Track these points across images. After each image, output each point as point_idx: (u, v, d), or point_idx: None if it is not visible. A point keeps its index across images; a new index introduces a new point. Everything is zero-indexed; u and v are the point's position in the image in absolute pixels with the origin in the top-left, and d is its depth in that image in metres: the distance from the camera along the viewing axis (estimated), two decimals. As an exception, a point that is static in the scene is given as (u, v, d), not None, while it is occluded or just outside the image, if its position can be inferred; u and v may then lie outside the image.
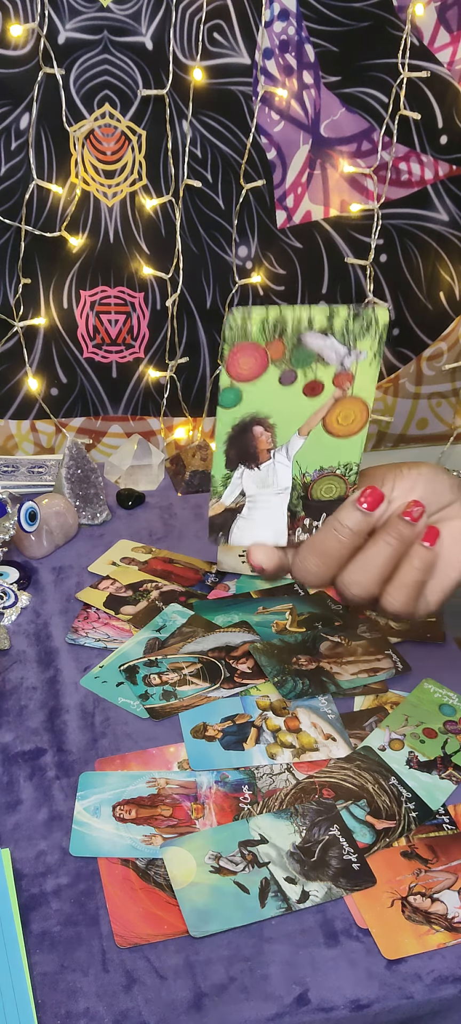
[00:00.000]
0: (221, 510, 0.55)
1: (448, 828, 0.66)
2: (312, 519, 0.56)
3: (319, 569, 0.54)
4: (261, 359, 0.49)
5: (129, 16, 1.08)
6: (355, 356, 0.50)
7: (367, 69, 1.15)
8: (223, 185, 1.18)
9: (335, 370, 0.50)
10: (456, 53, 1.16)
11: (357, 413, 0.52)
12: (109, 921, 0.58)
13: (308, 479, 0.54)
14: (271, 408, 0.51)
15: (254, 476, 0.54)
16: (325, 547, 0.54)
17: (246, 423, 0.52)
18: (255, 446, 0.53)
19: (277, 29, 1.12)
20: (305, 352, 0.49)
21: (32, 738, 0.73)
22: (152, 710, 0.76)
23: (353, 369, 0.51)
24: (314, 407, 0.52)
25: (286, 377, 0.50)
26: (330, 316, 0.49)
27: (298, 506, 0.55)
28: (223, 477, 0.54)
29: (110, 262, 1.19)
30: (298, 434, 0.53)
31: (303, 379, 0.50)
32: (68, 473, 1.09)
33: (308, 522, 0.56)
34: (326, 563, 0.54)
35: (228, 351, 0.49)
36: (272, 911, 0.58)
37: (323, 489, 0.55)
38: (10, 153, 1.12)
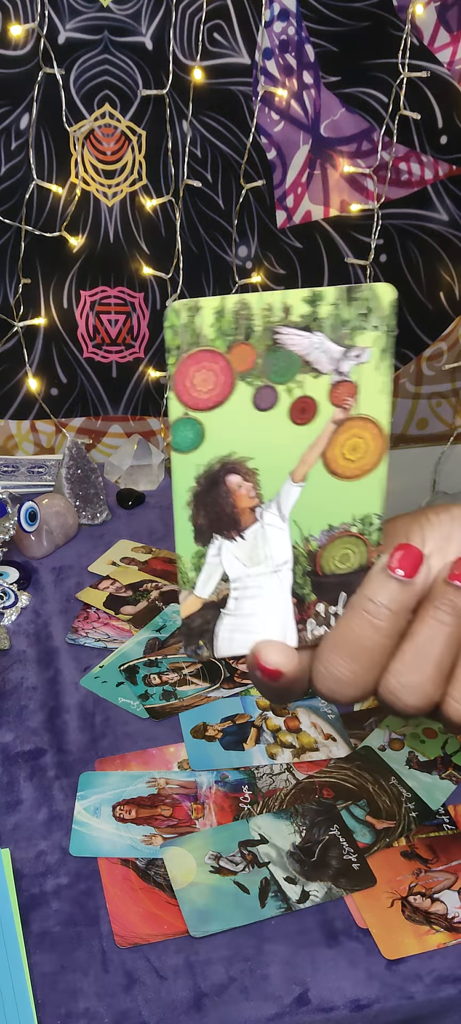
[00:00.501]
0: (198, 606, 0.39)
1: (448, 828, 0.66)
2: (328, 603, 0.39)
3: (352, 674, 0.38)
4: (223, 373, 0.35)
5: (129, 16, 1.08)
6: (355, 357, 0.37)
7: (367, 69, 1.15)
8: (223, 185, 1.18)
9: (330, 380, 0.36)
10: (456, 53, 1.16)
11: (368, 440, 0.37)
12: (109, 921, 0.58)
13: (314, 545, 0.39)
14: (248, 446, 0.36)
15: (237, 550, 0.38)
16: (356, 641, 0.38)
17: (215, 472, 0.36)
18: (233, 504, 0.37)
19: (277, 29, 1.12)
20: (284, 357, 0.36)
21: (32, 738, 0.73)
22: (152, 710, 0.76)
23: (354, 376, 0.37)
24: (308, 438, 0.37)
25: (263, 398, 0.36)
26: (313, 300, 0.35)
27: (305, 586, 0.39)
28: (193, 556, 0.38)
29: (110, 262, 1.19)
30: (291, 480, 0.38)
31: (287, 398, 0.36)
32: (68, 473, 1.09)
33: (323, 608, 0.40)
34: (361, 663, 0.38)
35: (174, 365, 0.34)
36: (272, 911, 0.58)
37: (337, 557, 0.39)
38: (10, 153, 1.12)
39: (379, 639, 0.38)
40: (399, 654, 0.38)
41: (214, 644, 0.39)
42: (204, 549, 0.38)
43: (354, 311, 0.36)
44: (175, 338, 0.34)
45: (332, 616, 0.40)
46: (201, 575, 0.39)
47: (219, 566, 0.38)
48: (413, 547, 0.38)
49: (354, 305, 0.36)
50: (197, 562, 0.38)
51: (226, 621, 0.39)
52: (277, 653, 0.39)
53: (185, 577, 0.38)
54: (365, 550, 0.39)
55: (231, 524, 0.38)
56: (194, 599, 0.39)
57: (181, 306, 0.34)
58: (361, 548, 0.39)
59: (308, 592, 0.39)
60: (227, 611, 0.39)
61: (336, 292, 0.35)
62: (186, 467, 0.37)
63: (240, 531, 0.38)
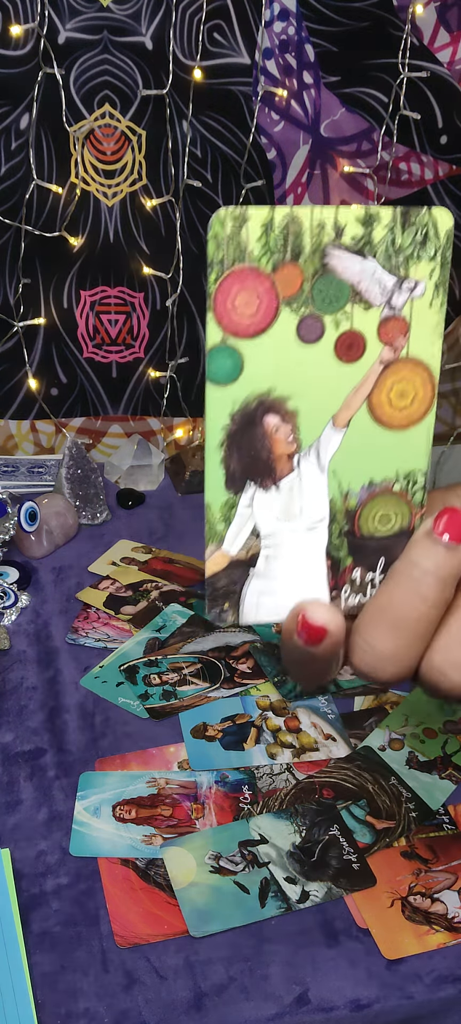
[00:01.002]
0: (224, 564, 0.35)
1: (448, 828, 0.66)
2: (365, 568, 0.36)
3: (395, 647, 0.34)
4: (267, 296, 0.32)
5: (129, 16, 1.08)
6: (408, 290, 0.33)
7: (367, 69, 1.15)
8: (223, 185, 1.18)
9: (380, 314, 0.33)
10: (456, 53, 1.16)
11: (418, 386, 0.34)
12: (109, 921, 0.58)
13: (353, 502, 0.35)
14: (289, 383, 0.33)
15: (271, 501, 0.35)
16: (399, 611, 0.34)
17: (252, 410, 0.33)
18: (269, 449, 0.34)
19: (277, 29, 1.12)
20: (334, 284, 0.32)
21: (32, 738, 0.73)
22: (152, 710, 0.76)
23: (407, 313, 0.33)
24: (354, 378, 0.34)
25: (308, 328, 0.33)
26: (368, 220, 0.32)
27: (342, 548, 0.36)
28: (223, 506, 0.34)
29: (110, 262, 1.19)
30: (333, 425, 0.34)
31: (334, 331, 0.33)
32: (68, 473, 1.09)
33: (359, 574, 0.36)
34: (404, 636, 0.34)
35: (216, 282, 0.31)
36: (272, 911, 0.58)
37: (377, 518, 0.36)
38: (10, 153, 1.12)
39: (425, 610, 0.34)
40: (445, 628, 0.35)
41: (240, 609, 0.36)
42: (235, 498, 0.34)
43: (409, 237, 0.33)
44: (218, 250, 0.31)
45: (368, 584, 0.36)
46: (231, 528, 0.35)
47: (250, 518, 0.35)
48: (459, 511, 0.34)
49: (410, 230, 0.32)
50: (227, 512, 0.35)
51: (254, 583, 0.35)
52: (324, 610, 0.34)
53: (213, 529, 0.35)
54: (408, 512, 0.36)
55: (266, 471, 0.34)
56: (221, 555, 0.35)
57: (227, 214, 0.30)
58: (403, 509, 0.36)
59: (344, 555, 0.36)
60: (256, 572, 0.35)
61: (392, 213, 0.32)
62: (221, 401, 0.33)
63: (275, 480, 0.34)
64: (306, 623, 0.34)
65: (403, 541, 0.35)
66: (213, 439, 0.33)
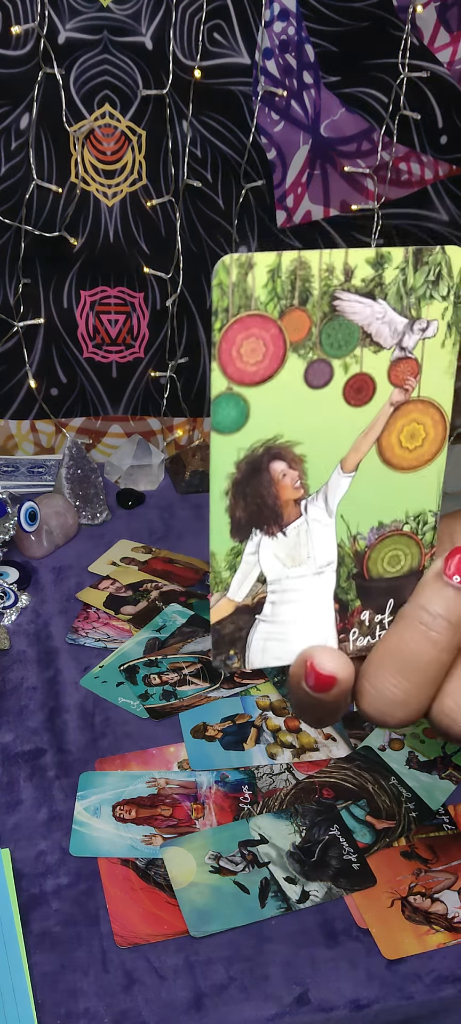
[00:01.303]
0: (230, 611, 0.34)
1: (448, 828, 0.66)
2: (373, 611, 0.35)
3: (404, 693, 0.34)
4: (274, 343, 0.31)
5: (129, 16, 1.08)
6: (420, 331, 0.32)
7: (367, 69, 1.15)
8: (223, 185, 1.18)
9: (391, 356, 0.32)
10: (456, 53, 1.16)
11: (429, 427, 0.34)
12: (109, 921, 0.58)
13: (362, 545, 0.35)
14: (296, 429, 0.32)
15: (277, 547, 0.34)
16: (408, 656, 0.33)
17: (258, 457, 0.32)
18: (275, 495, 0.33)
19: (277, 29, 1.12)
20: (343, 327, 0.32)
21: (32, 738, 0.73)
22: (152, 710, 0.76)
23: (418, 353, 0.33)
24: (363, 422, 0.33)
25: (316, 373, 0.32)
26: (378, 262, 0.31)
27: (350, 591, 0.35)
28: (228, 554, 0.34)
29: (110, 262, 1.19)
30: (341, 469, 0.34)
31: (343, 375, 0.32)
32: (68, 473, 1.09)
33: (368, 616, 0.36)
34: (414, 681, 0.34)
35: (221, 330, 0.31)
36: (272, 911, 0.58)
37: (386, 559, 0.35)
38: (10, 153, 1.12)
39: (435, 654, 0.33)
40: (456, 672, 0.34)
41: (246, 654, 0.35)
42: (241, 546, 0.34)
43: (421, 277, 0.32)
44: (223, 298, 0.30)
45: (377, 626, 0.36)
46: (236, 575, 0.34)
47: (256, 565, 0.34)
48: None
49: (422, 270, 0.32)
50: (232, 560, 0.34)
51: (261, 628, 0.35)
52: (332, 658, 0.34)
53: (218, 577, 0.34)
54: (418, 552, 0.35)
55: (272, 518, 0.33)
56: (226, 602, 0.34)
57: (232, 261, 0.30)
58: (413, 550, 0.35)
59: (352, 598, 0.35)
60: (262, 617, 0.35)
61: (403, 254, 0.31)
62: (226, 450, 0.32)
63: (282, 526, 0.34)
64: (314, 671, 0.34)
65: (413, 581, 0.35)
66: (218, 487, 0.32)
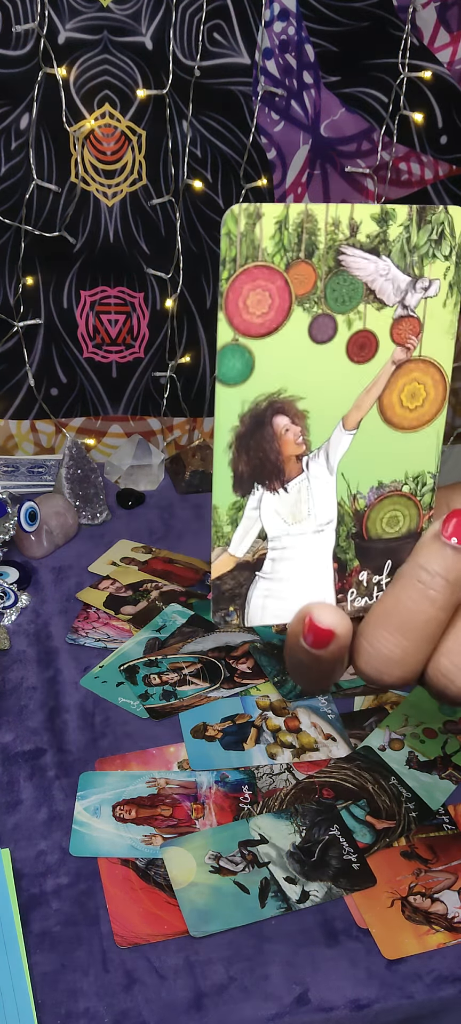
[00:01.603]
0: (230, 566, 0.35)
1: (448, 828, 0.66)
2: (371, 571, 0.36)
3: (402, 651, 0.34)
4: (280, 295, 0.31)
5: (129, 16, 1.08)
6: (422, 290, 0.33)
7: (367, 69, 1.15)
8: (223, 185, 1.18)
9: (393, 314, 0.32)
10: (456, 53, 1.16)
11: (429, 387, 0.34)
12: (109, 921, 0.58)
13: (362, 504, 0.35)
14: (300, 383, 0.32)
15: (279, 503, 0.34)
16: (407, 614, 0.34)
17: (262, 411, 0.32)
18: (278, 451, 0.33)
19: (277, 29, 1.12)
20: (348, 282, 0.32)
21: (32, 738, 0.73)
22: (152, 710, 0.76)
23: (420, 312, 0.33)
24: (365, 379, 0.33)
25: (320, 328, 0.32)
26: (383, 219, 0.31)
27: (349, 551, 0.35)
28: (230, 508, 0.34)
29: (110, 262, 1.19)
30: (342, 427, 0.34)
31: (346, 331, 0.32)
32: (68, 473, 1.09)
33: (366, 577, 0.36)
34: (412, 639, 0.34)
35: (228, 280, 0.30)
36: (272, 911, 0.58)
37: (384, 520, 0.35)
38: (10, 153, 1.12)
39: (433, 612, 0.33)
40: (453, 631, 0.34)
41: (245, 611, 0.35)
42: (243, 500, 0.34)
43: (424, 235, 0.32)
44: (231, 248, 0.30)
45: (375, 587, 0.36)
46: (237, 530, 0.34)
47: (257, 521, 0.34)
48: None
49: (425, 229, 0.32)
50: (234, 515, 0.34)
51: (260, 585, 0.35)
52: (331, 613, 0.34)
53: (220, 532, 0.34)
54: (416, 513, 0.36)
55: (274, 473, 0.34)
56: (227, 558, 0.34)
57: (241, 211, 0.29)
58: (412, 511, 0.35)
59: (351, 557, 0.35)
60: (262, 574, 0.35)
61: (407, 211, 0.31)
62: (231, 402, 0.32)
63: (284, 482, 0.34)
64: (313, 626, 0.34)
65: (411, 543, 0.35)
66: (221, 441, 0.33)
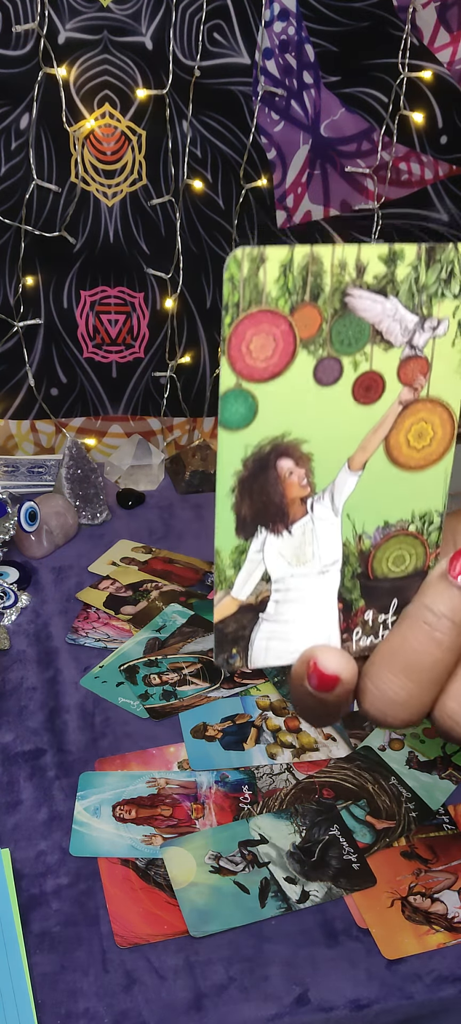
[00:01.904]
0: (233, 609, 0.34)
1: (448, 828, 0.65)
2: (377, 610, 0.35)
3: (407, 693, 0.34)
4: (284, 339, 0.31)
5: (129, 16, 1.08)
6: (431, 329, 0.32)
7: (367, 69, 1.15)
8: (223, 185, 1.18)
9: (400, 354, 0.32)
10: (456, 53, 1.16)
11: (437, 427, 0.34)
12: (109, 921, 0.58)
13: (367, 544, 0.35)
14: (304, 426, 0.32)
15: (283, 546, 0.34)
16: (412, 656, 0.34)
17: (265, 455, 0.32)
18: (282, 494, 0.33)
19: (277, 29, 1.12)
20: (354, 324, 0.31)
21: (32, 738, 0.73)
22: (152, 710, 0.76)
23: (428, 352, 0.32)
24: (371, 420, 0.33)
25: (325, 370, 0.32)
26: (391, 259, 0.31)
27: (354, 591, 0.35)
28: (233, 552, 0.34)
29: (110, 262, 1.19)
30: (348, 468, 0.33)
31: (352, 372, 0.32)
32: (68, 473, 1.09)
33: (371, 616, 0.35)
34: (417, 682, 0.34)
35: (231, 325, 0.30)
36: (272, 911, 0.58)
37: (391, 559, 0.35)
38: (10, 153, 1.12)
39: (439, 654, 0.33)
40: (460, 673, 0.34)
41: (248, 653, 0.35)
42: (246, 544, 0.33)
43: (433, 274, 0.31)
44: (234, 293, 0.30)
45: (381, 626, 0.36)
46: (240, 574, 0.34)
47: (261, 564, 0.34)
48: None
49: (434, 267, 0.31)
50: (237, 559, 0.34)
51: (264, 627, 0.35)
52: (336, 657, 0.34)
53: (222, 575, 0.34)
54: (422, 552, 0.35)
55: (278, 516, 0.33)
56: (230, 601, 0.34)
57: (244, 255, 0.29)
58: (418, 549, 0.35)
59: (356, 597, 0.35)
60: (265, 616, 0.34)
61: (416, 251, 0.31)
62: (234, 446, 0.32)
63: (288, 525, 0.34)
64: (318, 671, 0.33)
65: (417, 582, 0.35)
66: (224, 485, 0.32)
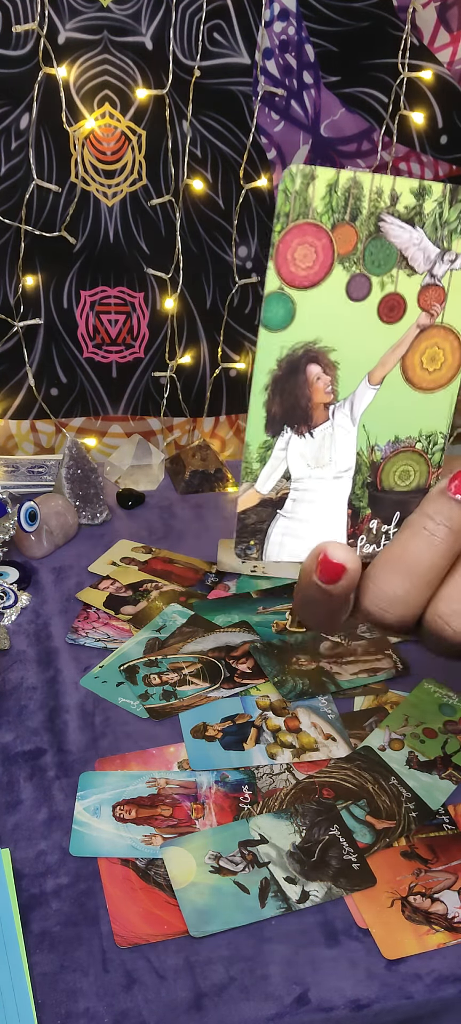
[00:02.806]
0: (255, 502, 0.37)
1: (448, 828, 0.65)
2: (381, 520, 0.39)
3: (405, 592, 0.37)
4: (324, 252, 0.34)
5: (129, 16, 1.08)
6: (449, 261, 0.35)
7: (367, 69, 1.15)
8: (223, 185, 1.18)
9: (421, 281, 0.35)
10: (456, 53, 1.16)
11: (447, 353, 0.37)
12: (109, 921, 0.58)
13: (378, 456, 0.38)
14: (334, 335, 0.35)
15: (304, 447, 0.37)
16: (412, 558, 0.37)
17: (297, 358, 0.35)
18: (309, 397, 0.36)
19: (277, 29, 1.12)
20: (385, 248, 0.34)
21: (32, 738, 0.73)
22: (152, 710, 0.76)
23: (445, 282, 0.36)
24: (392, 338, 0.36)
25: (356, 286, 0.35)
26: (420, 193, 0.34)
27: (363, 498, 0.38)
28: (260, 447, 0.37)
29: (110, 262, 1.19)
30: (368, 381, 0.36)
31: (379, 291, 0.35)
32: (68, 473, 1.09)
33: (376, 525, 0.39)
34: (414, 582, 0.37)
35: (280, 232, 0.33)
36: (272, 911, 0.58)
37: (397, 473, 0.38)
38: (10, 153, 1.12)
39: (436, 558, 0.37)
40: (451, 579, 0.37)
41: (264, 547, 0.38)
42: (272, 440, 0.37)
43: (455, 212, 0.35)
44: (286, 203, 0.33)
45: (383, 535, 0.39)
46: (265, 468, 0.37)
47: (284, 461, 0.37)
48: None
49: (456, 206, 0.35)
50: (263, 454, 0.37)
51: (280, 523, 0.38)
52: (343, 550, 0.37)
53: (249, 468, 0.37)
54: (426, 470, 0.39)
55: (304, 418, 0.37)
56: (253, 493, 0.37)
57: (298, 171, 0.33)
58: (422, 467, 0.39)
59: (364, 505, 0.39)
60: (283, 512, 0.38)
61: (441, 188, 0.34)
62: (271, 346, 0.35)
63: (310, 428, 0.37)
64: (327, 560, 0.37)
65: (419, 498, 0.38)
66: (259, 381, 0.35)
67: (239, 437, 1.33)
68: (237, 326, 1.26)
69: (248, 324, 1.26)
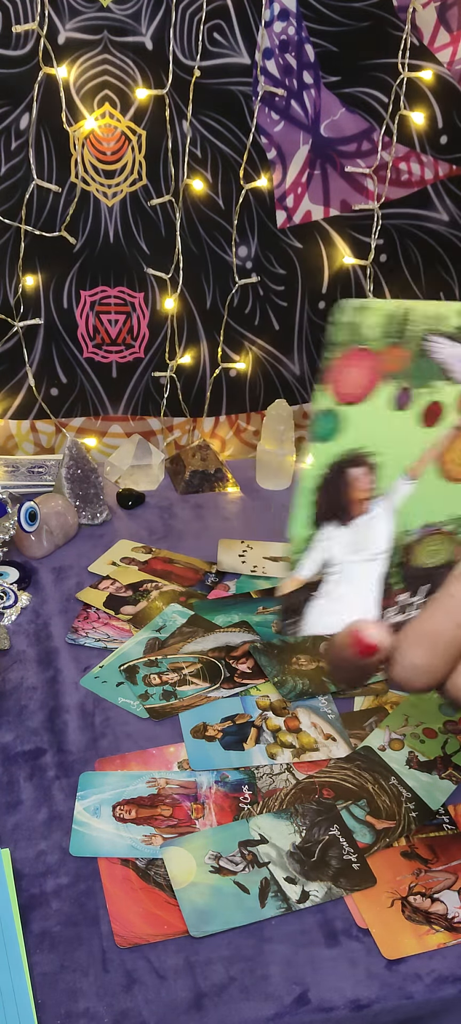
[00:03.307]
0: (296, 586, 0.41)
1: (448, 828, 0.65)
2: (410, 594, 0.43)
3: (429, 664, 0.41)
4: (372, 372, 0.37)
5: (129, 16, 1.08)
6: None
7: (367, 69, 1.15)
8: (223, 185, 1.18)
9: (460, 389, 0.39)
10: (456, 53, 1.16)
11: None
12: (109, 921, 0.58)
13: (410, 539, 0.41)
14: (378, 442, 0.39)
15: (344, 537, 0.41)
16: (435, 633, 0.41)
17: (343, 463, 0.39)
18: (351, 495, 0.40)
19: (277, 29, 1.12)
20: (428, 364, 0.38)
21: (32, 738, 0.73)
22: (152, 710, 0.76)
23: None
24: (430, 439, 0.40)
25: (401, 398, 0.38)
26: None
27: (395, 577, 0.42)
28: (305, 540, 0.40)
29: (110, 262, 1.19)
30: (406, 476, 0.40)
31: (421, 401, 0.39)
32: (68, 473, 1.09)
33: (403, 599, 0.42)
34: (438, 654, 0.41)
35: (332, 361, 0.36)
36: (272, 911, 0.58)
37: (426, 552, 0.42)
38: (10, 153, 1.12)
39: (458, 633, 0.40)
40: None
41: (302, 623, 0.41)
42: (316, 532, 0.40)
43: None
44: (339, 334, 0.36)
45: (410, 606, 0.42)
46: (308, 557, 0.40)
47: (324, 551, 0.40)
48: None
49: None
50: (306, 544, 0.40)
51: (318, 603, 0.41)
52: (377, 629, 0.41)
53: (294, 558, 0.40)
54: (452, 548, 0.42)
55: (346, 513, 0.40)
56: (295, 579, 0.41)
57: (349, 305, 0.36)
58: (449, 546, 0.42)
59: (396, 581, 0.42)
60: (319, 593, 0.41)
61: None
62: (320, 455, 0.38)
63: (351, 520, 0.40)
64: (361, 640, 0.40)
65: (445, 572, 0.42)
66: (310, 484, 0.39)
67: (239, 437, 1.33)
68: (237, 326, 1.26)
69: (248, 324, 1.26)
